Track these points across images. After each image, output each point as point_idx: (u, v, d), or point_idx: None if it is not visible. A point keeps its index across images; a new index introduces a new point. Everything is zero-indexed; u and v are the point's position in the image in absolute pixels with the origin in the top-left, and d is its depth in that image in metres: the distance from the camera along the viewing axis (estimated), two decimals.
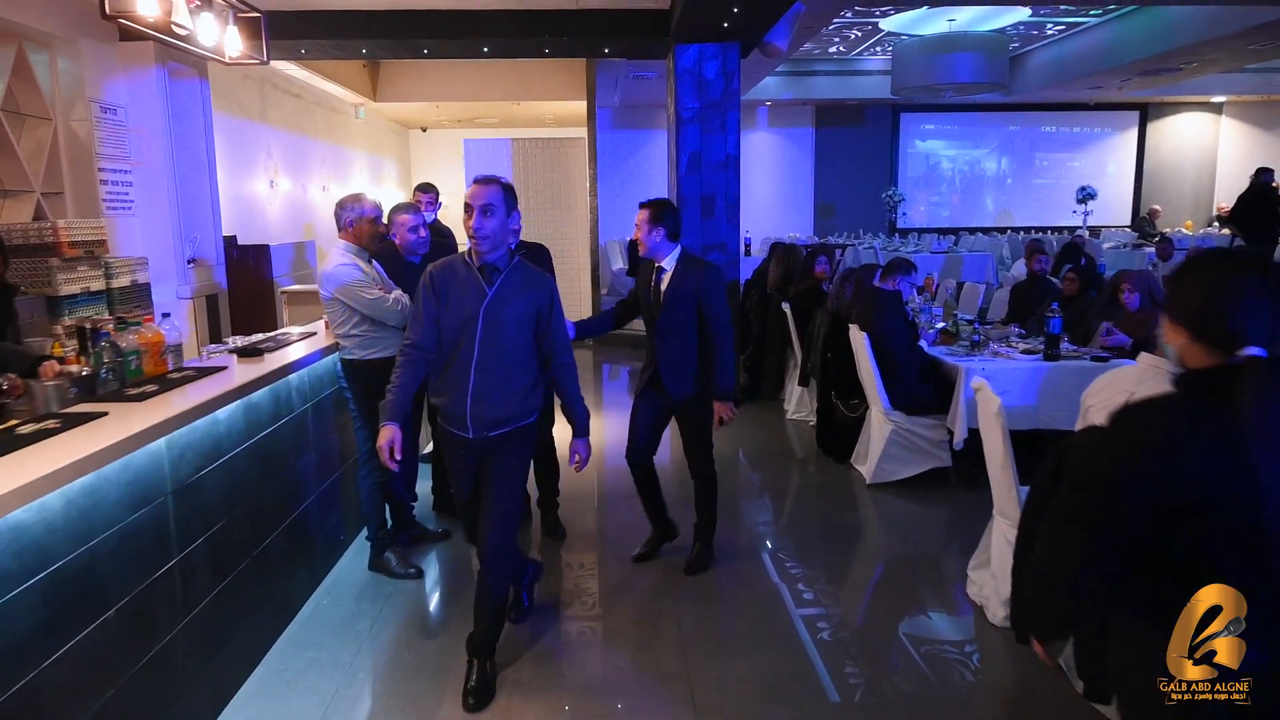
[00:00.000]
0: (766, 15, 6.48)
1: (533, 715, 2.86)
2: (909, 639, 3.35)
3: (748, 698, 2.94)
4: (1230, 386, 1.44)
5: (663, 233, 3.65)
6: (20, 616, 1.90)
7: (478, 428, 2.88)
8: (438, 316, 2.86)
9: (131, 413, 2.45)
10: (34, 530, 1.94)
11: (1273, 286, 1.48)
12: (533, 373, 2.96)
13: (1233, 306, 1.50)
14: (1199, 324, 1.52)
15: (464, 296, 2.84)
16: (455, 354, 2.85)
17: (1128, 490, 1.44)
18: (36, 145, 5.70)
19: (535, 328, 2.92)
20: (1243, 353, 1.44)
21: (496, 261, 2.86)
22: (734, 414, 3.79)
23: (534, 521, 4.52)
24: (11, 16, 5.27)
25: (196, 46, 3.53)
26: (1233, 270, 1.54)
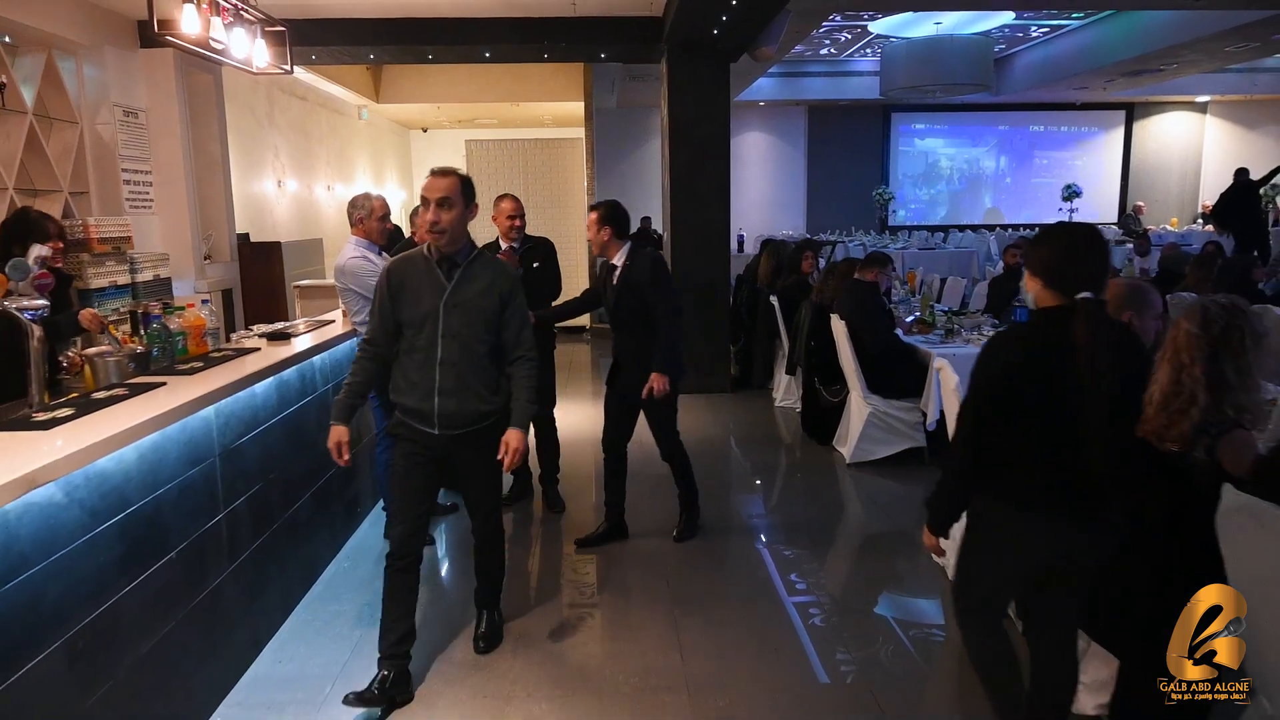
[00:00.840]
0: (754, 22, 6.82)
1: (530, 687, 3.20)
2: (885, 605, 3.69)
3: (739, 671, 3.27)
4: (1069, 319, 2.04)
5: (610, 231, 3.94)
6: (104, 550, 2.24)
7: (445, 425, 2.86)
8: (395, 313, 2.85)
9: (185, 384, 2.80)
10: (114, 478, 2.29)
11: (1099, 251, 2.12)
12: (499, 366, 2.95)
13: (1075, 263, 2.09)
14: (1050, 276, 2.12)
15: (423, 291, 2.82)
16: (418, 350, 2.83)
17: (988, 390, 2.13)
18: (64, 147, 6.04)
19: (499, 319, 2.90)
20: (1079, 296, 2.05)
21: (455, 255, 2.84)
22: (665, 388, 3.88)
23: (535, 496, 4.86)
24: (41, 26, 5.61)
25: (230, 59, 3.86)
26: (1073, 238, 2.15)
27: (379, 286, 2.90)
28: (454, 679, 3.05)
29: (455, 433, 2.88)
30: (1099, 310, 2.04)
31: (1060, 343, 2.03)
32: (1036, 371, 2.07)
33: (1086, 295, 2.04)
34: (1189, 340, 2.30)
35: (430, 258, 2.85)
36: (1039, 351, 2.08)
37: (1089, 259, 2.09)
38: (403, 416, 2.92)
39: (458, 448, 2.92)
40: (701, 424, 6.63)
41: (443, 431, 2.87)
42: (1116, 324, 2.18)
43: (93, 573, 2.18)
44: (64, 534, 2.08)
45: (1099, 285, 2.08)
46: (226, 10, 3.59)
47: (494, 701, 2.91)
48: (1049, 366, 2.05)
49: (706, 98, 7.28)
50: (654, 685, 2.99)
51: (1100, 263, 2.11)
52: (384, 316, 2.87)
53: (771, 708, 2.85)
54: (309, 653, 3.21)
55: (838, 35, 12.55)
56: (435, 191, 2.76)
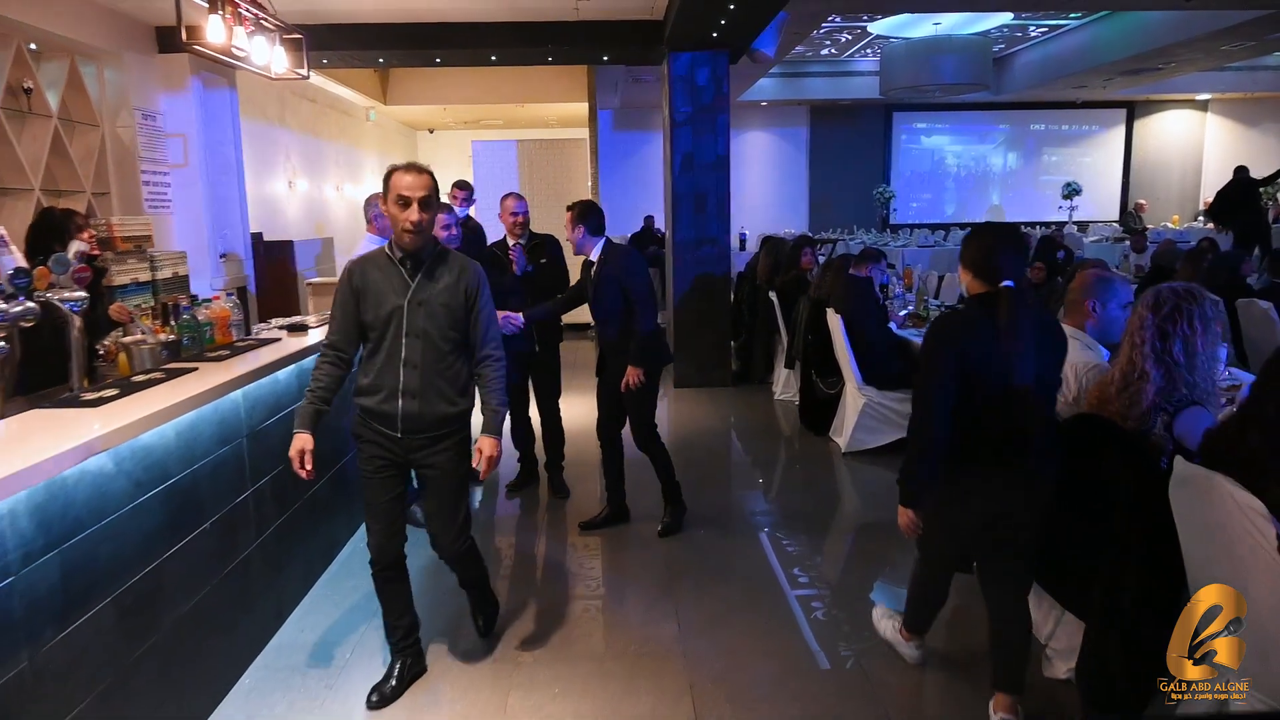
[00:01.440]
0: (752, 25, 7.01)
1: (536, 654, 3.40)
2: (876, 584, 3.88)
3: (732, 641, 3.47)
4: (994, 305, 2.41)
5: (584, 229, 4.10)
6: (148, 517, 2.45)
7: (408, 428, 2.76)
8: (357, 315, 2.75)
9: (216, 369, 3.01)
10: (156, 452, 2.49)
11: (1015, 246, 2.50)
12: (465, 367, 2.85)
13: (997, 258, 2.44)
14: (977, 269, 2.49)
15: (386, 290, 2.72)
16: (382, 351, 2.74)
17: (938, 364, 2.46)
18: (87, 150, 6.27)
19: (465, 317, 2.80)
20: (1001, 285, 2.43)
21: (419, 252, 2.74)
22: (640, 381, 4.04)
23: (541, 483, 5.07)
24: (65, 33, 5.84)
25: (251, 66, 4.07)
26: (997, 236, 2.51)
27: (340, 287, 2.78)
28: (466, 649, 3.25)
29: (419, 437, 2.77)
30: (1017, 296, 2.44)
31: (991, 322, 2.42)
32: (973, 348, 2.44)
33: (1008, 284, 2.44)
34: (1140, 321, 2.50)
35: (393, 256, 2.75)
36: (973, 331, 2.46)
37: (1007, 254, 2.48)
38: (365, 419, 2.81)
39: (422, 453, 2.80)
40: (703, 416, 6.84)
41: (406, 435, 2.76)
42: (1036, 307, 2.55)
43: (138, 537, 2.39)
44: (114, 501, 2.28)
45: (1017, 275, 2.48)
46: (248, 20, 3.80)
47: (502, 665, 3.11)
48: (982, 344, 2.43)
49: (706, 99, 7.48)
50: (652, 652, 3.19)
51: (1016, 256, 2.51)
52: (346, 318, 2.77)
53: (763, 672, 3.05)
54: (328, 623, 3.42)
55: (838, 36, 12.71)
56: (418, 190, 2.64)
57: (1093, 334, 3.08)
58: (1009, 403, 2.41)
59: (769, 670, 3.06)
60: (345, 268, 2.82)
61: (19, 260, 3.08)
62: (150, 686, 2.44)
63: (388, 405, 2.74)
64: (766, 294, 7.46)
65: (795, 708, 2.83)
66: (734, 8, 6.20)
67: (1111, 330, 2.95)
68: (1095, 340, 3.03)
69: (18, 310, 2.66)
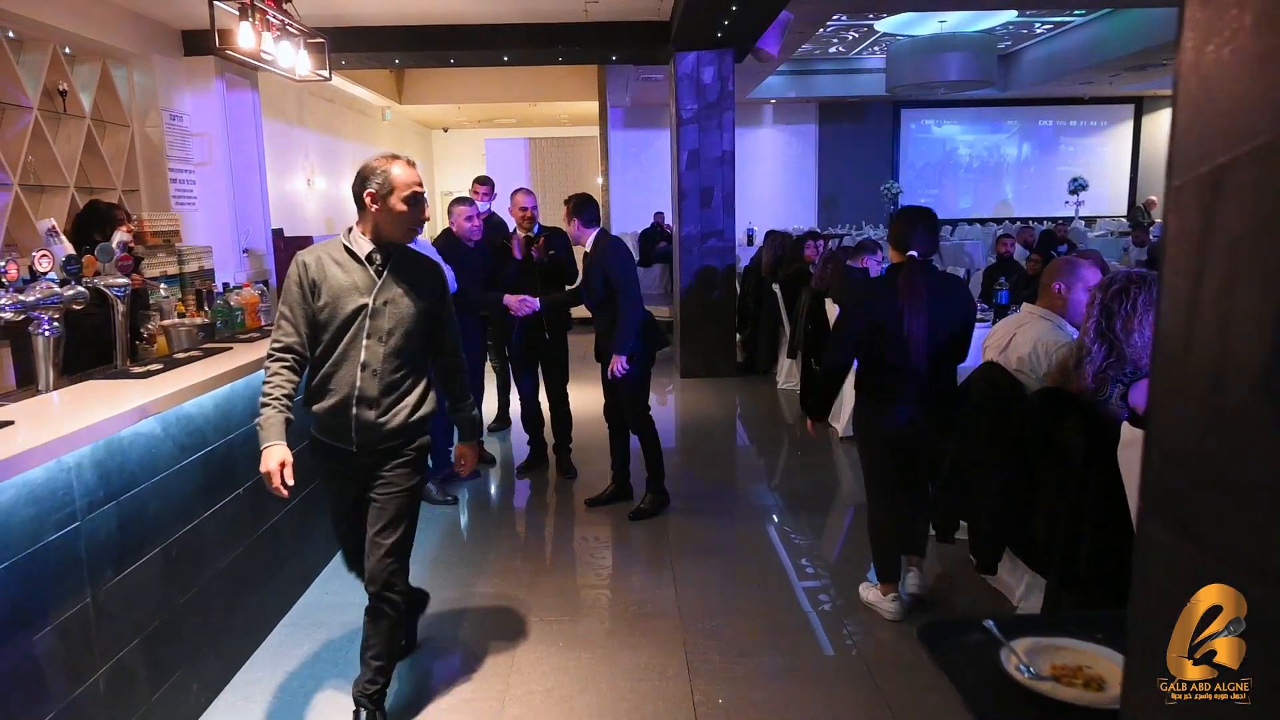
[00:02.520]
0: (756, 25, 7.24)
1: (543, 613, 3.65)
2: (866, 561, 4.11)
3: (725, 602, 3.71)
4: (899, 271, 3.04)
5: (578, 222, 4.32)
6: (190, 478, 2.71)
7: (364, 440, 2.51)
8: (311, 313, 2.48)
9: (248, 349, 3.28)
10: (197, 420, 2.76)
11: (927, 226, 3.16)
12: (426, 373, 2.64)
13: (908, 234, 3.15)
14: (895, 242, 3.20)
15: (348, 288, 2.47)
16: (337, 353, 2.48)
17: (851, 317, 3.23)
18: (117, 149, 6.57)
19: (429, 321, 2.58)
20: (909, 254, 3.10)
21: (388, 247, 2.53)
22: (625, 369, 4.20)
23: (550, 465, 5.32)
24: (97, 37, 6.13)
25: (278, 69, 4.34)
26: (911, 217, 3.20)
27: (291, 281, 2.49)
28: (479, 609, 3.51)
29: (376, 450, 2.52)
30: (916, 264, 3.11)
31: (895, 286, 3.12)
32: (878, 305, 3.15)
33: (913, 254, 3.12)
34: (1091, 300, 2.71)
35: (356, 250, 2.51)
36: (881, 292, 3.17)
37: (917, 229, 3.14)
38: (318, 433, 2.59)
39: (378, 469, 2.55)
40: (709, 405, 7.07)
41: (361, 449, 2.51)
42: (941, 276, 3.26)
43: (182, 496, 2.65)
44: (161, 461, 2.55)
45: (925, 248, 3.14)
46: (275, 26, 4.06)
47: (511, 624, 3.36)
48: (886, 301, 3.12)
49: (712, 97, 7.71)
50: (649, 612, 3.43)
51: (926, 232, 3.15)
52: (301, 315, 2.48)
53: (752, 631, 3.28)
54: (350, 587, 3.64)
55: (845, 34, 12.91)
56: (420, 185, 2.55)
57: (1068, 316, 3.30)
58: (904, 347, 3.10)
59: (757, 627, 3.29)
60: (297, 259, 2.51)
61: (69, 249, 3.35)
62: (191, 633, 2.70)
63: (342, 417, 2.49)
64: (770, 287, 7.68)
65: (778, 657, 3.06)
66: (736, 9, 6.43)
67: (1077, 312, 3.16)
68: (1064, 321, 3.24)
69: (70, 294, 2.92)
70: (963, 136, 17.12)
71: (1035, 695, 1.20)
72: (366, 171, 2.53)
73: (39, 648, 2.00)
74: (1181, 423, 0.82)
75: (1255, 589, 0.75)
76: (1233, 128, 0.76)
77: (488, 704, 2.82)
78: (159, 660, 2.50)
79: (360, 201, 2.53)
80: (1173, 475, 0.85)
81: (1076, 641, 1.32)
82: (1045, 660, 1.27)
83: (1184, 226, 0.83)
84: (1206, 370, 0.79)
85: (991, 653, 1.29)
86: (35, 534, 2.00)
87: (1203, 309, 0.80)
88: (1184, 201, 0.83)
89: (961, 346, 3.28)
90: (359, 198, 2.53)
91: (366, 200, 2.51)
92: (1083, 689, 1.21)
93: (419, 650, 3.17)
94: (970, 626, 1.34)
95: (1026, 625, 1.43)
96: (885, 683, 2.89)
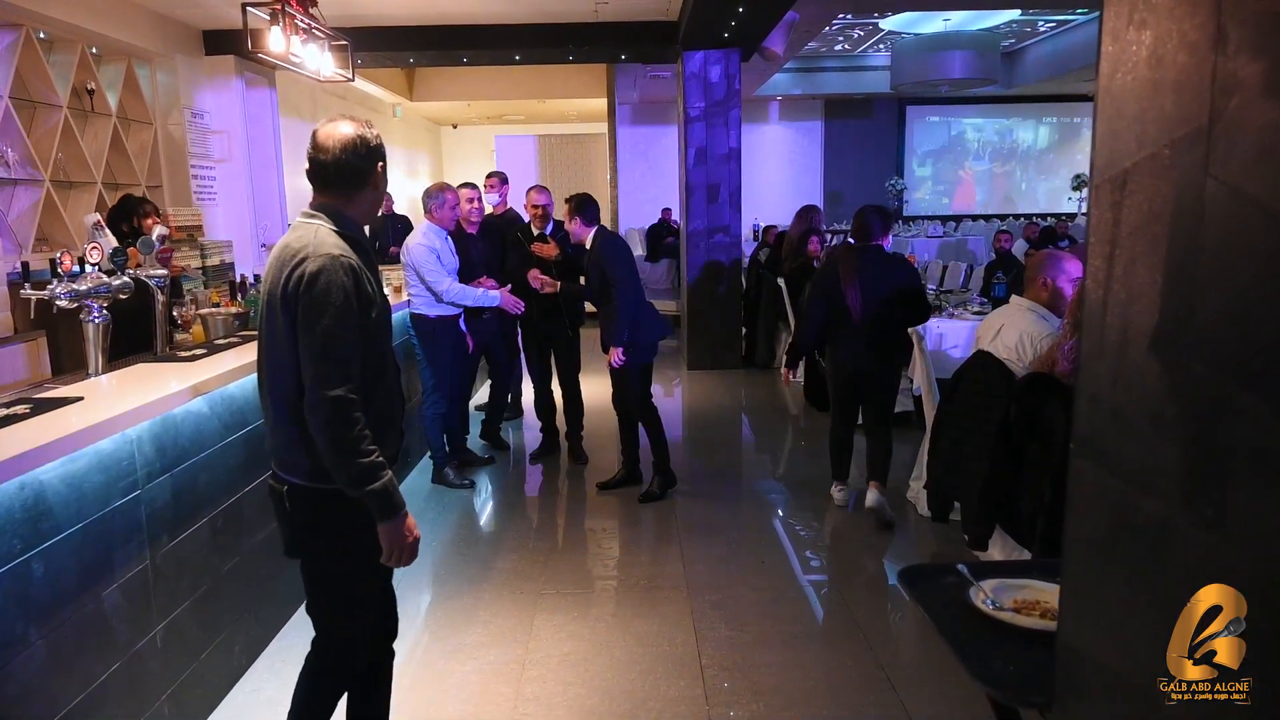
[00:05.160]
0: (763, 25, 7.42)
1: (558, 586, 3.85)
2: (867, 534, 4.31)
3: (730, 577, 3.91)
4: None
5: (580, 220, 4.49)
6: (233, 455, 2.92)
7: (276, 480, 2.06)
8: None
9: None
10: (238, 401, 2.96)
11: (882, 219, 4.26)
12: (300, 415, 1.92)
13: (865, 222, 4.26)
14: (857, 233, 4.29)
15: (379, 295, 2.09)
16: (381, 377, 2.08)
17: (813, 293, 4.36)
18: (141, 146, 6.78)
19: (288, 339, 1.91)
20: (847, 241, 4.36)
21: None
22: (622, 360, 4.39)
23: (563, 452, 5.52)
24: (122, 37, 6.34)
25: (305, 71, 4.54)
26: (868, 212, 4.30)
27: (349, 297, 1.90)
28: (498, 582, 3.71)
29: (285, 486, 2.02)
30: (851, 249, 4.27)
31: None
32: (830, 281, 4.24)
33: (849, 241, 4.34)
34: (1074, 290, 2.90)
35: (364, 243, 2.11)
36: (834, 271, 4.25)
37: (862, 222, 4.27)
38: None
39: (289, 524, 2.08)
40: (715, 395, 7.27)
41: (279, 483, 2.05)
42: (883, 256, 4.26)
43: (226, 471, 2.86)
44: (209, 438, 2.75)
45: (870, 237, 4.22)
46: (302, 29, 4.26)
47: (528, 596, 3.56)
48: (836, 278, 4.21)
49: (719, 95, 7.89)
50: (659, 585, 3.63)
51: (867, 225, 4.24)
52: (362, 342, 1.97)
53: (754, 602, 3.48)
54: None
55: (850, 32, 13.07)
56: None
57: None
58: (844, 308, 4.16)
59: (761, 599, 3.49)
60: (339, 265, 1.89)
61: (113, 242, 3.55)
62: (234, 599, 2.90)
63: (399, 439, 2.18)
64: (772, 281, 7.87)
65: (781, 626, 3.26)
66: (743, 10, 6.61)
67: (1062, 303, 3.35)
68: (1049, 313, 3.43)
69: (118, 284, 3.13)
70: (966, 134, 17.26)
71: (998, 623, 1.39)
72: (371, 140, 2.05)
73: (108, 602, 2.21)
74: (1099, 376, 1.02)
75: (1147, 502, 0.95)
76: (1134, 139, 0.95)
77: (508, 667, 3.02)
78: (207, 622, 2.70)
79: (363, 180, 2.04)
80: (1095, 417, 1.04)
81: (1038, 582, 1.51)
82: (1008, 596, 1.47)
83: (1101, 219, 1.03)
84: (1116, 333, 0.98)
85: (963, 591, 1.48)
86: (105, 498, 2.21)
87: (1114, 285, 0.99)
88: (1100, 198, 1.02)
89: (902, 308, 4.19)
90: (367, 172, 2.04)
91: (379, 172, 2.07)
92: (1039, 619, 1.40)
93: (440, 619, 3.37)
94: (945, 570, 1.54)
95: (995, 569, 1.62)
96: (879, 647, 3.09)
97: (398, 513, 1.95)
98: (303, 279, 1.87)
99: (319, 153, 2.00)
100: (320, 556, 2.09)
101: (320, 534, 2.05)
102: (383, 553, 1.98)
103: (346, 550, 2.04)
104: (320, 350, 1.86)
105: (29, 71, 5.65)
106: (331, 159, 2.00)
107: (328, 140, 2.00)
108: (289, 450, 2.00)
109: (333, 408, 1.84)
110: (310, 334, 1.86)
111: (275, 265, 1.96)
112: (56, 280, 2.98)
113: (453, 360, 4.84)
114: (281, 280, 1.91)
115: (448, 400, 4.84)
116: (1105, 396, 1.02)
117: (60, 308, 2.96)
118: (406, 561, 2.01)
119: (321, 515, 2.02)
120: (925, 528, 4.23)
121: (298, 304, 1.87)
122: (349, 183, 2.04)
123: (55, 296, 2.93)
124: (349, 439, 1.86)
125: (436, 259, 4.57)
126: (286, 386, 1.94)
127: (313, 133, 2.02)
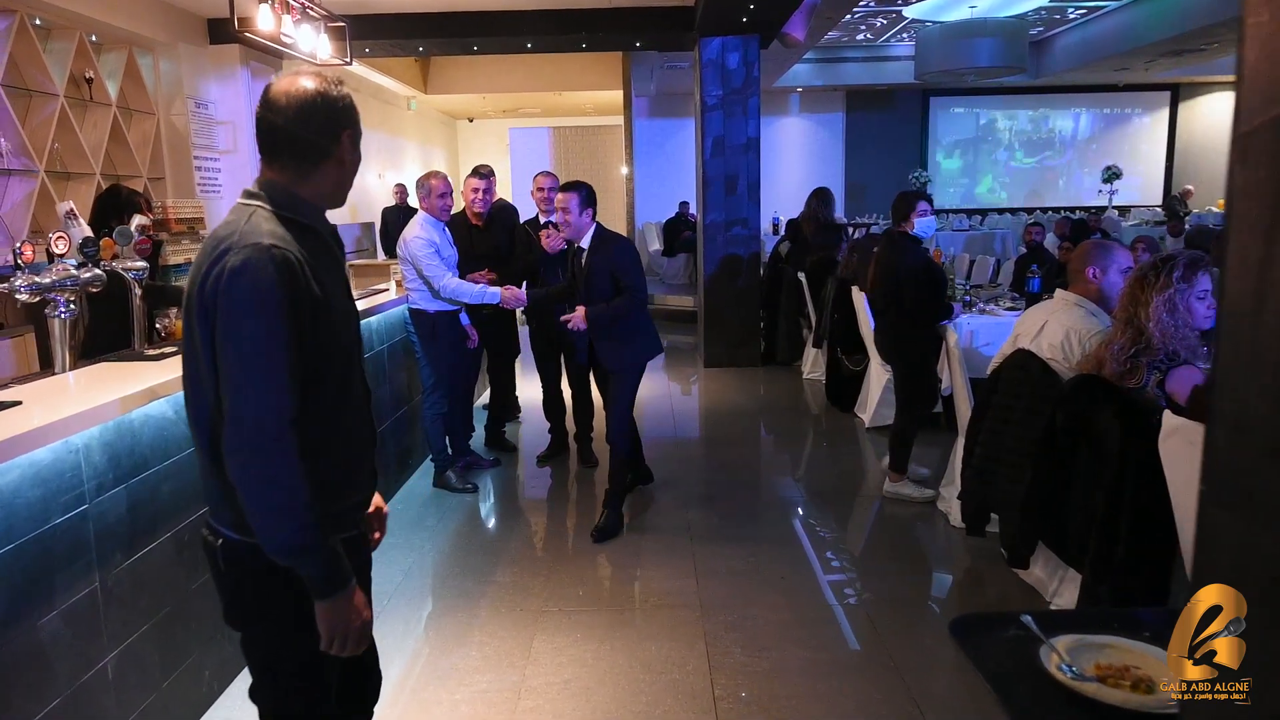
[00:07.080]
0: (782, 9, 7.12)
1: (562, 603, 3.60)
2: (890, 547, 4.02)
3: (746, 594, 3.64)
4: None
5: (590, 213, 3.95)
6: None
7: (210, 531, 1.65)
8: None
9: None
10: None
11: (900, 204, 4.49)
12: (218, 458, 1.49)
13: (892, 208, 4.39)
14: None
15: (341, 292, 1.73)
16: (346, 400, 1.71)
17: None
18: (143, 136, 6.59)
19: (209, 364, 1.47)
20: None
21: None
22: (581, 326, 3.94)
23: (571, 454, 5.26)
24: (123, 25, 6.14)
25: (298, 53, 4.31)
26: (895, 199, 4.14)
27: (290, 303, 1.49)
28: (496, 598, 3.46)
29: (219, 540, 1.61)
30: (875, 236, 4.08)
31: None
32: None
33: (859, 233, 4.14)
34: (1126, 285, 2.61)
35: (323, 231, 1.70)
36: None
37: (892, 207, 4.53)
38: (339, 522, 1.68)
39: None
40: (733, 394, 6.99)
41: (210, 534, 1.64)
42: (891, 241, 4.40)
43: (194, 480, 2.62)
44: (173, 445, 2.51)
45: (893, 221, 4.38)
46: (295, 9, 4.02)
47: (528, 614, 3.31)
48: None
49: (737, 83, 7.60)
50: (670, 603, 3.36)
51: (893, 211, 4.44)
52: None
53: (774, 624, 3.20)
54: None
55: (873, 20, 12.71)
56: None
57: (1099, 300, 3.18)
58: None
59: (779, 620, 3.22)
60: (270, 258, 1.44)
61: (86, 231, 3.33)
62: (204, 619, 2.66)
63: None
64: (792, 276, 7.57)
65: (802, 651, 2.98)
66: None
67: (1112, 296, 3.05)
68: (1098, 308, 3.13)
69: (87, 276, 2.90)
70: (993, 125, 16.84)
71: (1078, 696, 1.12)
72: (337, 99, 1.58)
73: (44, 632, 1.97)
74: (1251, 392, 0.74)
75: None
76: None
77: (502, 695, 2.77)
78: (170, 646, 2.47)
79: (324, 151, 1.57)
80: (1239, 454, 0.76)
81: (1123, 639, 1.23)
82: (1089, 659, 1.19)
83: (1253, 178, 0.74)
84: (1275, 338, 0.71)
85: (1028, 649, 1.21)
86: (42, 516, 1.97)
87: (1275, 267, 0.71)
88: (1253, 150, 0.74)
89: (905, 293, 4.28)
90: (329, 142, 1.58)
91: (346, 142, 1.61)
92: (1130, 691, 1.13)
93: (432, 638, 3.13)
94: (1006, 621, 1.26)
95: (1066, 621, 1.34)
96: (913, 679, 2.80)
97: (340, 589, 1.51)
98: (221, 276, 1.42)
99: (269, 112, 1.53)
100: (258, 630, 1.64)
101: (259, 603, 1.60)
102: (322, 637, 1.54)
103: (297, 623, 1.55)
104: (238, 370, 1.40)
105: (24, 59, 5.46)
106: (284, 121, 1.53)
107: (281, 97, 1.53)
108: (217, 496, 1.55)
109: (252, 448, 1.40)
110: (226, 348, 1.41)
111: (196, 262, 1.51)
112: (18, 272, 2.75)
113: (454, 358, 4.60)
114: (199, 280, 1.46)
115: (449, 400, 4.60)
116: (1259, 427, 0.73)
117: (21, 302, 2.74)
118: (351, 649, 1.57)
119: (260, 580, 1.56)
120: (958, 541, 3.94)
121: (215, 309, 1.43)
122: (304, 154, 1.55)
123: (15, 290, 2.71)
124: (273, 489, 1.41)
125: (435, 252, 4.33)
126: (208, 417, 1.50)
127: (265, 87, 1.56)
